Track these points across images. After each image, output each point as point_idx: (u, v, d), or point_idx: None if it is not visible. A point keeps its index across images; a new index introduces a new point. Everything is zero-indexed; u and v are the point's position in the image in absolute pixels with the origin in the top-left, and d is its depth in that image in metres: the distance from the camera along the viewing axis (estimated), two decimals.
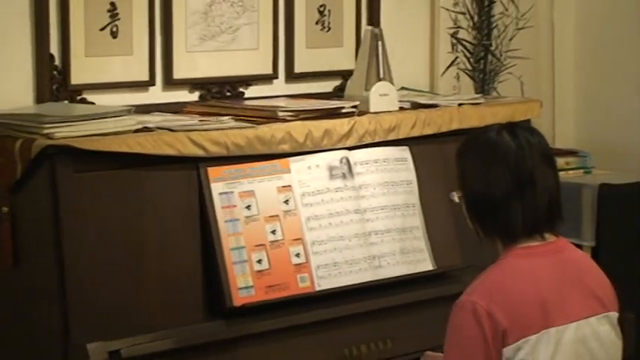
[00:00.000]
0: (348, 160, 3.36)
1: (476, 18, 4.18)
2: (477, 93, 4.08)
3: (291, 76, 3.75)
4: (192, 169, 3.08)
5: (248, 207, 3.15)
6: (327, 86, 3.83)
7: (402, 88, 3.76)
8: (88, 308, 2.88)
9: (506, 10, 4.25)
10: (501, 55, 4.23)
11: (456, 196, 2.86)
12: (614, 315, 2.83)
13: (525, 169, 2.75)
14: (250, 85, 3.66)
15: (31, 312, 2.96)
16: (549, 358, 2.69)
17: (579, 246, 3.77)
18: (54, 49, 3.25)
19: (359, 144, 3.38)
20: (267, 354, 3.07)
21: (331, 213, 3.29)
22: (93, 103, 3.30)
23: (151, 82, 3.45)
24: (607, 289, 2.84)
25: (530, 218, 2.75)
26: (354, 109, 3.46)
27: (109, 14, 3.33)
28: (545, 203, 2.76)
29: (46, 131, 2.89)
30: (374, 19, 3.88)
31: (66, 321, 2.86)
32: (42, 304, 2.92)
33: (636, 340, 3.28)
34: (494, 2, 4.21)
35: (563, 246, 2.83)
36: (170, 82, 3.49)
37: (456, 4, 4.14)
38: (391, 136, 3.45)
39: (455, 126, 3.55)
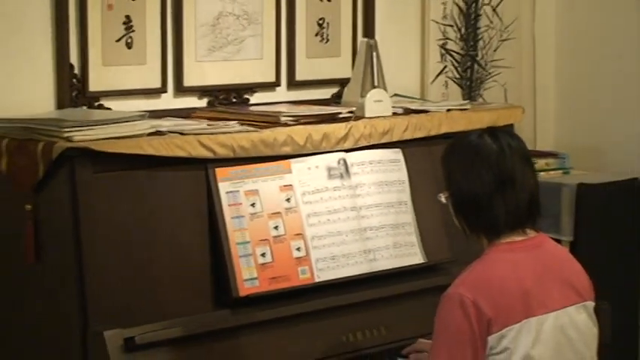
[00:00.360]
0: (345, 162, 3.36)
1: (463, 30, 4.19)
2: (464, 99, 4.09)
3: (293, 84, 3.76)
4: (201, 169, 3.08)
5: (253, 205, 3.15)
6: (326, 93, 3.83)
7: (395, 95, 3.76)
8: (105, 298, 2.89)
9: (491, 22, 4.25)
10: (486, 65, 4.24)
11: (442, 197, 2.87)
12: (591, 305, 2.84)
13: (506, 169, 2.75)
14: (255, 92, 3.66)
15: (53, 303, 2.96)
16: (530, 345, 2.69)
17: (559, 241, 3.78)
18: (73, 58, 3.26)
19: (355, 146, 3.38)
20: (271, 341, 3.07)
21: (329, 210, 3.29)
22: (109, 109, 3.31)
23: (163, 89, 3.46)
24: (584, 281, 2.85)
25: (512, 215, 2.76)
26: (350, 114, 3.46)
27: (124, 26, 3.34)
28: (525, 201, 2.77)
29: (66, 135, 2.89)
30: (369, 31, 3.88)
31: (85, 311, 2.87)
32: (62, 295, 2.92)
33: (612, 329, 3.28)
34: (480, 15, 4.21)
35: (543, 241, 2.84)
36: (181, 90, 3.49)
37: (444, 17, 4.14)
38: (385, 139, 3.45)
39: (444, 130, 3.55)
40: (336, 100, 3.78)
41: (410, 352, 3.18)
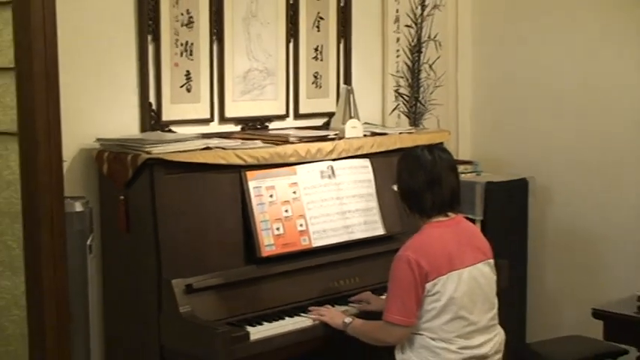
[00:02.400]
0: (332, 167, 3.35)
1: (410, 80, 4.19)
2: (410, 126, 4.09)
3: (297, 116, 3.74)
4: (237, 172, 3.09)
5: (271, 196, 3.15)
6: (319, 122, 3.82)
7: (365, 123, 3.76)
8: (173, 258, 2.89)
9: (429, 75, 4.25)
10: (425, 103, 4.24)
11: (395, 188, 2.88)
12: (492, 261, 2.86)
13: (435, 173, 2.77)
14: (272, 121, 3.65)
15: (137, 261, 2.97)
16: (454, 289, 2.71)
17: (474, 220, 3.80)
18: (152, 99, 3.25)
19: (339, 157, 3.38)
20: (283, 286, 3.08)
21: (322, 199, 3.29)
22: (175, 132, 3.30)
23: (211, 119, 3.44)
24: (486, 244, 2.87)
25: (437, 204, 2.77)
26: (335, 136, 3.46)
27: (185, 77, 3.33)
28: (448, 195, 2.79)
29: (147, 149, 2.90)
30: (347, 80, 3.88)
31: (159, 266, 2.88)
32: (144, 255, 2.93)
33: (508, 278, 3.29)
34: (421, 70, 4.21)
35: (460, 220, 2.86)
36: (223, 119, 3.48)
37: (397, 71, 4.14)
38: (358, 153, 3.45)
39: (397, 146, 3.55)
40: (326, 126, 3.77)
41: (356, 300, 3.16)
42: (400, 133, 3.68)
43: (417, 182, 2.76)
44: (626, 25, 3.89)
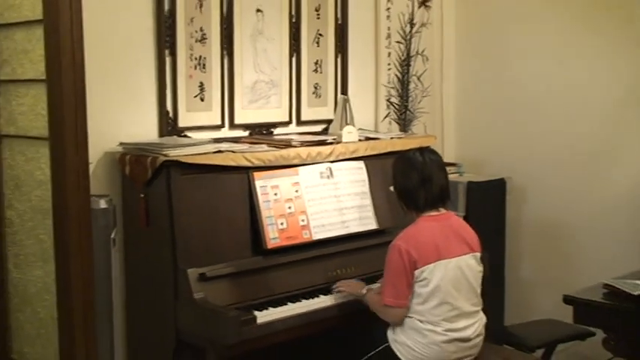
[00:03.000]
0: (330, 169, 3.35)
1: (400, 90, 4.18)
2: (400, 131, 4.08)
3: (299, 122, 3.73)
4: (245, 173, 3.08)
5: (275, 194, 3.14)
6: (319, 128, 3.81)
7: (360, 129, 3.75)
8: (187, 249, 2.88)
9: (417, 86, 4.25)
10: (414, 111, 4.23)
11: (392, 188, 2.88)
12: (478, 254, 2.85)
13: (426, 173, 2.76)
14: (276, 127, 3.64)
15: (156, 252, 2.96)
16: (441, 277, 2.70)
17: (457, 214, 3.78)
18: (169, 107, 3.24)
19: (336, 159, 3.37)
20: (286, 275, 3.06)
21: (321, 197, 3.29)
22: (190, 137, 3.29)
23: (222, 125, 3.43)
24: (474, 239, 2.85)
25: (429, 201, 2.77)
26: (334, 140, 3.45)
27: (199, 88, 3.32)
28: (438, 192, 2.78)
29: (164, 152, 2.89)
30: (344, 91, 3.87)
31: (175, 257, 2.86)
32: (162, 248, 2.92)
33: (488, 268, 3.27)
34: (410, 82, 4.21)
35: (450, 215, 2.85)
36: (233, 126, 3.47)
37: (389, 82, 4.12)
38: (354, 155, 3.44)
39: (389, 149, 3.54)
40: (325, 131, 3.76)
41: None
42: (391, 137, 3.68)
43: (411, 182, 2.76)
44: (594, 36, 3.89)
